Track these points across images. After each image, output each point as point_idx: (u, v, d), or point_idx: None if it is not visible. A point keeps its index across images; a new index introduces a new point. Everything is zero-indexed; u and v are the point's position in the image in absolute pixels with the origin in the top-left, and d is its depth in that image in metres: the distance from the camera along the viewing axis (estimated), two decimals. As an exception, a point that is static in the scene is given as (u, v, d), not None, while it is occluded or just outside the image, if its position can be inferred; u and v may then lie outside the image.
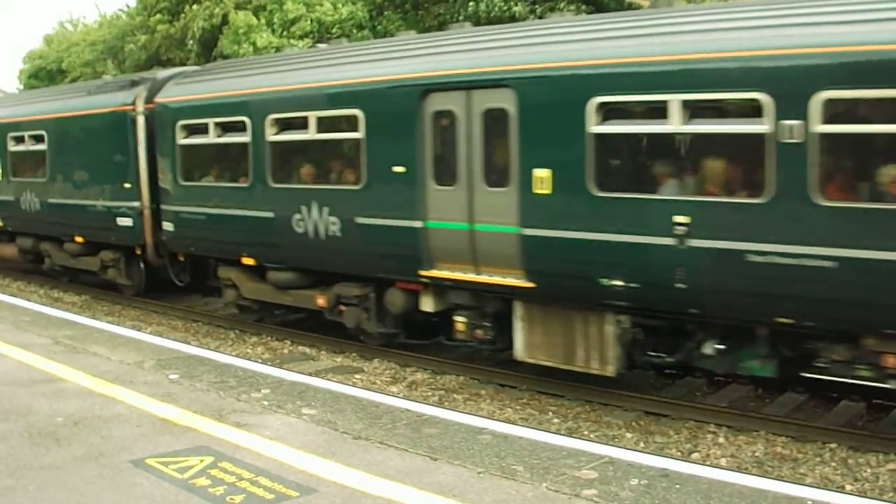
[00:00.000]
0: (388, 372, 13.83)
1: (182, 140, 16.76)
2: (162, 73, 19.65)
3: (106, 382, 10.53)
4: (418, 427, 8.92)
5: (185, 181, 16.92)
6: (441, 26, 37.12)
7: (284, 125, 14.56)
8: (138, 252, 19.09)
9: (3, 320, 14.71)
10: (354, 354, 14.85)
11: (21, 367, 11.35)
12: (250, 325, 17.35)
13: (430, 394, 12.63)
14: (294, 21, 35.76)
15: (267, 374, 11.30)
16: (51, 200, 20.90)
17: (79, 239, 20.42)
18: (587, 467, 7.66)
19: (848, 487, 8.93)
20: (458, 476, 7.43)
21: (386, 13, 37.72)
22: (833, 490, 8.31)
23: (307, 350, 15.38)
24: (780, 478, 8.89)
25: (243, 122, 15.21)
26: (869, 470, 9.44)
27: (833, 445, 10.12)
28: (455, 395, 12.52)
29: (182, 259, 18.49)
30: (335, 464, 7.69)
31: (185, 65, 39.32)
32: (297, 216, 14.24)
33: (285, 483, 7.24)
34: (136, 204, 18.25)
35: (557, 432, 10.18)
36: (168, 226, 17.47)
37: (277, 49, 32.00)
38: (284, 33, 35.52)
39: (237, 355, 13.83)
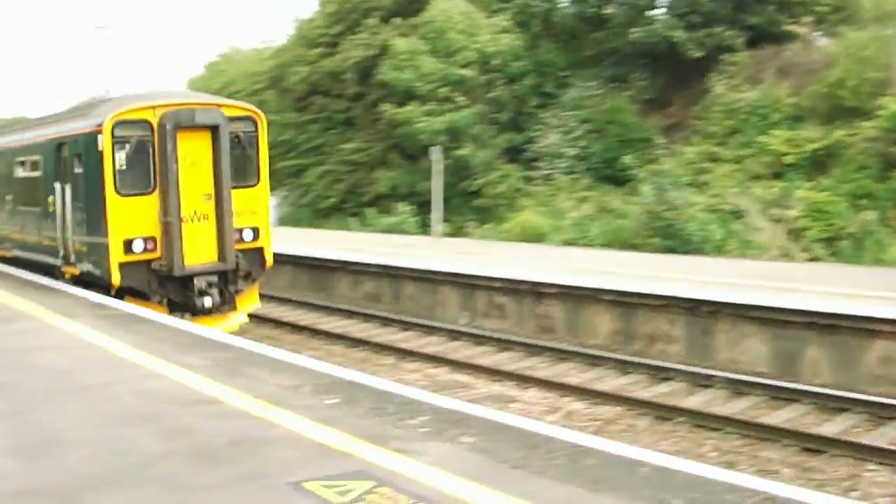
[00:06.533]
0: (544, 401, 13.65)
1: None
2: None
3: (265, 405, 10.63)
4: (576, 458, 8.69)
5: None
6: (598, 56, 37.07)
7: None
8: None
9: (163, 341, 14.94)
10: (511, 384, 14.72)
11: (183, 388, 11.56)
12: (408, 352, 17.41)
13: (586, 424, 12.40)
14: (458, 51, 36.24)
15: (424, 401, 11.20)
16: None
17: None
18: (747, 503, 7.33)
19: None
20: (620, 509, 7.20)
21: (542, 43, 37.82)
22: None
23: (462, 378, 15.32)
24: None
25: None
26: None
27: None
28: (611, 427, 12.26)
29: None
30: (494, 492, 7.53)
31: (342, 96, 40.42)
32: None
33: (445, 510, 7.13)
34: None
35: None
36: None
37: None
38: (450, 60, 36.05)
39: (394, 381, 13.81)
